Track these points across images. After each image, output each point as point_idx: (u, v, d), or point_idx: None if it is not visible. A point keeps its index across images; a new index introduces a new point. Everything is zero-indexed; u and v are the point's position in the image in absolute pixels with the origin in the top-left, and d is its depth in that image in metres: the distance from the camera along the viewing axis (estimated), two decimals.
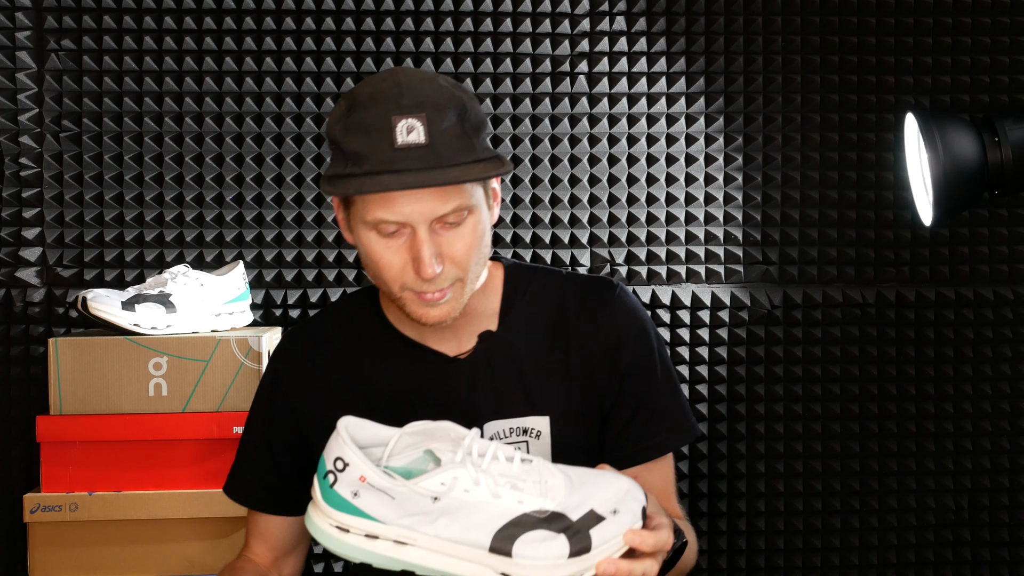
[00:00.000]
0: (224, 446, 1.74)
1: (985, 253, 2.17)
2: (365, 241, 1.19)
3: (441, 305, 1.20)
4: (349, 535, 0.97)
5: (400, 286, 1.19)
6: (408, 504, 0.96)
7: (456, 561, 0.96)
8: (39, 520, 1.71)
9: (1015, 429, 2.17)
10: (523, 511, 0.97)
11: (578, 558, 0.95)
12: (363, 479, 0.97)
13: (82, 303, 1.75)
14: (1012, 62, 2.15)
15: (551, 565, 0.95)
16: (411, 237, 1.16)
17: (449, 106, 1.14)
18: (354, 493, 0.97)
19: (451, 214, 1.15)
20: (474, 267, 1.21)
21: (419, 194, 1.13)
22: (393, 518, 0.96)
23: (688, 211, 2.14)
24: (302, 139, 2.08)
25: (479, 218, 1.20)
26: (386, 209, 1.14)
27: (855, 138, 2.15)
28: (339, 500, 0.97)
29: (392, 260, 1.17)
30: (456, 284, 1.20)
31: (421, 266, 1.15)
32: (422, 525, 0.96)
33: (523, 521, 0.96)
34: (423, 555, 0.96)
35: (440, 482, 0.97)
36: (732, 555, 2.15)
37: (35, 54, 2.04)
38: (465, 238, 1.18)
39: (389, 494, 0.97)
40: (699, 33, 2.13)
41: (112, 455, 1.73)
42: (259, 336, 1.77)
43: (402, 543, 0.96)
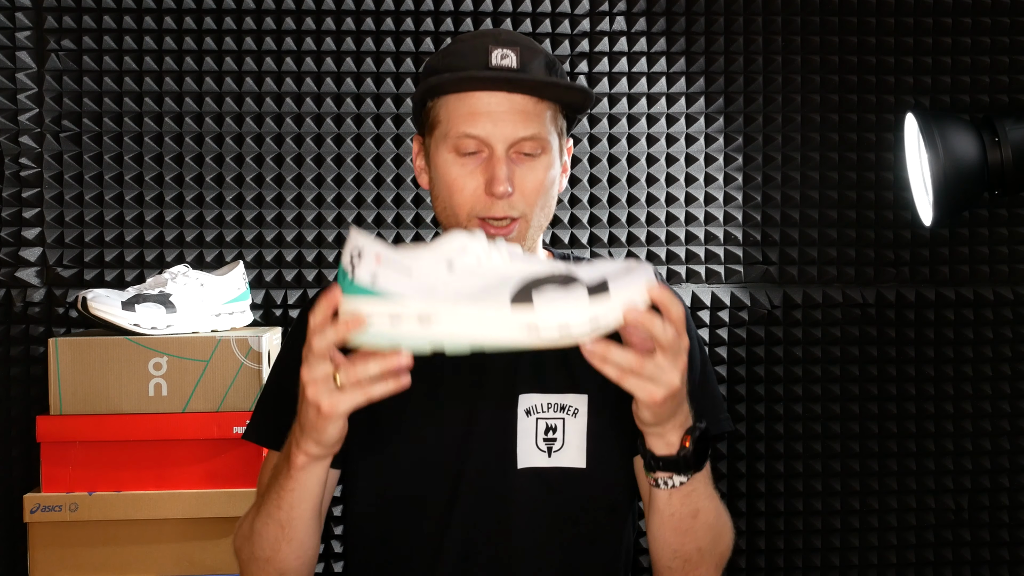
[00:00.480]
0: (224, 446, 1.74)
1: (985, 253, 2.17)
2: (442, 165, 1.24)
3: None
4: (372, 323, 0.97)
5: (468, 213, 1.24)
6: (425, 275, 0.96)
7: (481, 324, 0.96)
8: (39, 520, 1.71)
9: (1015, 429, 2.17)
10: (536, 272, 0.97)
11: (598, 298, 0.95)
12: (379, 258, 0.97)
13: (82, 303, 1.75)
14: (1012, 62, 2.15)
15: (573, 304, 0.94)
16: (488, 159, 1.22)
17: (541, 52, 1.26)
18: (372, 276, 0.97)
19: (529, 141, 1.22)
20: (538, 212, 1.26)
21: (503, 115, 1.21)
22: (412, 294, 0.96)
23: (688, 211, 2.14)
24: (302, 139, 2.08)
25: (552, 161, 1.25)
26: (471, 124, 1.21)
27: (855, 138, 2.15)
28: (359, 289, 0.97)
29: (466, 183, 1.23)
30: (520, 222, 1.24)
31: (495, 182, 1.20)
32: (441, 292, 0.96)
33: (538, 280, 0.96)
34: (448, 326, 0.96)
35: (452, 249, 0.97)
36: (733, 555, 2.14)
37: (35, 54, 2.04)
38: (538, 174, 1.24)
39: (405, 267, 0.97)
40: (699, 33, 2.13)
41: (112, 455, 1.73)
42: (259, 336, 1.77)
43: (426, 319, 0.96)
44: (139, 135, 2.06)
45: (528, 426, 1.28)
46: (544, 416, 1.28)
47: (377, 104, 2.09)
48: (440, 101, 1.25)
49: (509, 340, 0.96)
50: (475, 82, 1.21)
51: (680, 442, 1.11)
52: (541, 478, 1.28)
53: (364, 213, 2.10)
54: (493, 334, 0.96)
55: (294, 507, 1.16)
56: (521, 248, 1.03)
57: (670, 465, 1.12)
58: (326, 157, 2.09)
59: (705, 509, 1.20)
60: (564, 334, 0.95)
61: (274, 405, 1.34)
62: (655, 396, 1.01)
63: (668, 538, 1.20)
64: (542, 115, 1.23)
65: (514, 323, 0.95)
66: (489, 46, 1.22)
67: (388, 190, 2.10)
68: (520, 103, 1.21)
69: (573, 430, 1.28)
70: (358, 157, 2.10)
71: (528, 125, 1.22)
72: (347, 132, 2.09)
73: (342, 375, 1.00)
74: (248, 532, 1.23)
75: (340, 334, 0.98)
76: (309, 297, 2.08)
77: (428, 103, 1.27)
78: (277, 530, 1.18)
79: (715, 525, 1.23)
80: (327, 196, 2.09)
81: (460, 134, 1.22)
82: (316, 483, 1.15)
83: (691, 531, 1.20)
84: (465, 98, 1.22)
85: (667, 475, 1.14)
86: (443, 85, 1.22)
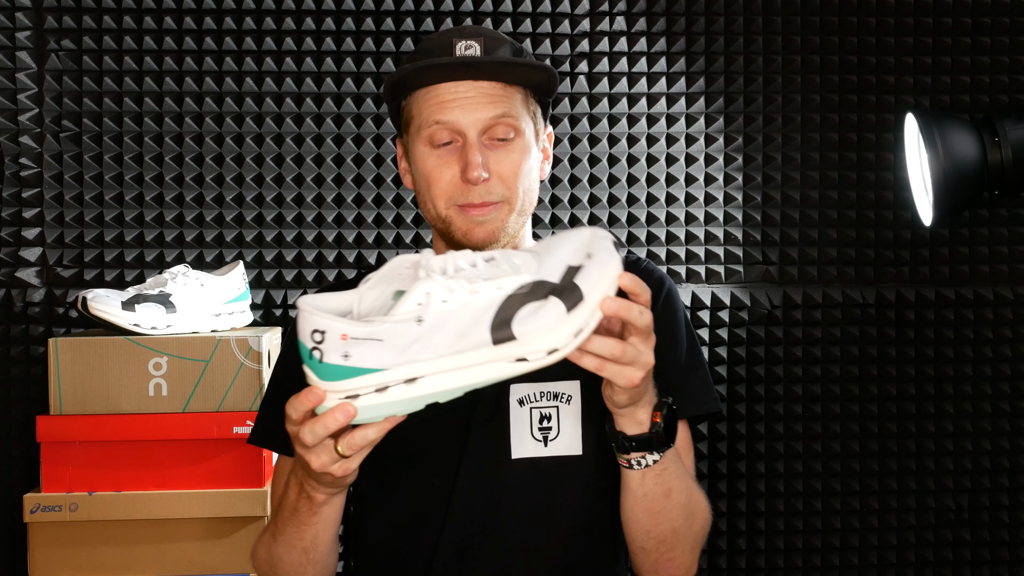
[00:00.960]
0: (224, 446, 1.74)
1: (985, 253, 2.17)
2: (419, 158, 1.27)
3: (485, 223, 1.25)
4: (360, 399, 0.95)
5: (447, 201, 1.25)
6: (398, 339, 0.93)
7: (469, 370, 0.94)
8: (39, 520, 1.71)
9: (1015, 429, 2.17)
10: (505, 294, 0.94)
11: (576, 310, 0.93)
12: (345, 337, 0.94)
13: (82, 303, 1.75)
14: (1012, 62, 2.15)
15: (555, 325, 0.93)
16: (462, 147, 1.24)
17: (505, 41, 1.28)
18: (344, 355, 0.93)
19: (500, 124, 1.24)
20: (522, 195, 1.27)
21: (471, 101, 1.23)
22: (391, 360, 0.93)
23: (688, 211, 2.14)
24: (302, 139, 2.08)
25: (526, 144, 1.27)
26: (440, 112, 1.23)
27: (855, 138, 2.15)
28: (333, 369, 0.94)
29: (442, 174, 1.25)
30: (503, 205, 1.26)
31: (469, 168, 1.22)
32: (421, 353, 0.93)
33: (510, 303, 0.94)
34: (437, 380, 0.94)
35: (416, 302, 0.94)
36: (732, 555, 2.15)
37: (35, 54, 2.04)
38: (514, 157, 1.25)
39: (376, 339, 0.93)
40: (699, 33, 2.13)
41: (112, 455, 1.73)
42: (259, 336, 1.77)
43: (412, 380, 0.94)
44: (139, 135, 2.06)
45: (522, 416, 1.28)
46: (538, 405, 1.28)
47: (377, 104, 2.09)
48: (411, 98, 1.27)
49: (500, 375, 0.95)
50: (437, 69, 1.23)
51: (650, 419, 1.11)
52: (537, 467, 1.28)
53: (364, 213, 2.10)
54: (484, 376, 0.94)
55: (318, 536, 1.18)
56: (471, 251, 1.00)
57: (643, 444, 1.13)
58: (326, 157, 2.09)
59: (677, 489, 1.20)
60: (553, 356, 0.94)
61: (278, 408, 1.33)
62: (634, 379, 1.01)
63: (641, 519, 1.20)
64: (511, 98, 1.25)
65: (502, 360, 0.94)
66: (453, 39, 1.25)
67: (388, 190, 2.10)
68: (487, 88, 1.24)
69: (568, 417, 1.29)
70: (358, 157, 2.10)
71: (496, 106, 1.23)
72: (347, 132, 2.09)
73: (343, 447, 0.99)
74: (267, 557, 1.25)
75: (332, 429, 0.97)
76: None
77: (402, 103, 1.29)
78: (301, 556, 1.20)
79: (688, 504, 1.23)
80: (327, 196, 2.09)
81: (431, 123, 1.24)
82: (338, 510, 1.17)
83: (664, 511, 1.20)
84: (433, 89, 1.24)
85: (639, 455, 1.14)
86: (406, 77, 1.24)
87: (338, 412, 0.95)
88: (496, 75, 1.24)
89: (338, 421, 0.96)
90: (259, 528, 1.72)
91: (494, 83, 1.24)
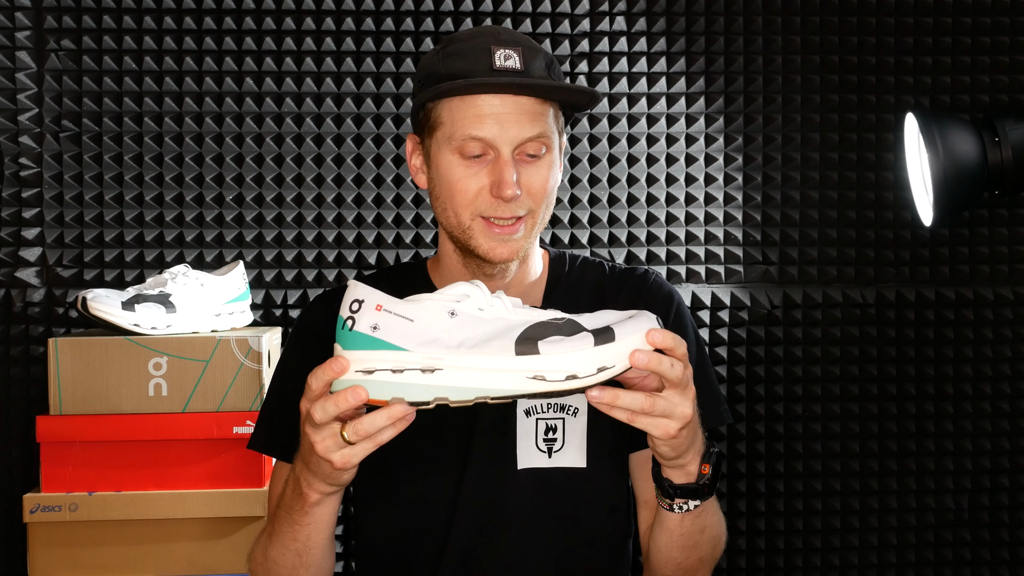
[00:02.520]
0: (224, 446, 1.74)
1: (985, 253, 2.17)
2: (445, 167, 1.23)
3: (509, 241, 1.24)
4: (375, 374, 0.95)
5: (472, 213, 1.23)
6: (427, 324, 0.94)
7: (486, 374, 0.94)
8: (39, 520, 1.71)
9: (1015, 429, 2.17)
10: (539, 319, 0.96)
11: (605, 346, 0.94)
12: (379, 307, 0.95)
13: (82, 303, 1.75)
14: (1012, 62, 2.15)
15: (579, 351, 0.93)
16: (494, 162, 1.21)
17: (540, 51, 1.25)
18: (373, 327, 0.95)
19: (534, 141, 1.21)
20: (544, 208, 1.26)
21: (508, 117, 1.20)
22: (415, 343, 0.94)
23: (688, 211, 2.14)
24: (302, 139, 2.08)
25: (554, 159, 1.26)
26: (476, 127, 1.20)
27: (855, 138, 2.15)
28: (359, 338, 0.95)
29: (469, 185, 1.22)
30: (527, 219, 1.24)
31: (503, 186, 1.20)
32: (445, 343, 0.94)
33: (542, 327, 0.95)
34: (452, 376, 0.94)
35: (455, 298, 0.96)
36: (732, 555, 2.15)
37: (35, 54, 2.04)
38: (543, 173, 1.24)
39: (407, 317, 0.94)
40: (699, 33, 2.13)
41: (112, 455, 1.73)
42: (259, 336, 1.77)
43: (429, 370, 0.94)
44: (139, 135, 2.06)
45: (528, 427, 1.28)
46: (544, 416, 1.28)
47: (377, 104, 2.09)
48: (443, 103, 1.23)
49: (514, 389, 0.95)
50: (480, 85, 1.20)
51: (698, 470, 1.12)
52: (541, 479, 1.28)
53: (364, 213, 2.10)
54: (498, 384, 0.95)
55: (311, 538, 1.17)
56: (521, 302, 1.02)
57: (688, 493, 1.13)
58: (326, 157, 2.09)
59: (711, 524, 1.22)
60: (571, 382, 0.94)
61: (278, 414, 1.34)
62: (670, 431, 1.01)
63: (675, 554, 1.21)
64: (545, 114, 1.23)
65: (520, 372, 0.94)
66: (491, 46, 1.21)
67: (388, 190, 2.10)
68: (525, 104, 1.21)
69: (573, 430, 1.28)
70: (358, 157, 2.10)
71: (533, 125, 1.21)
72: (347, 132, 2.09)
73: (350, 432, 0.99)
74: (263, 559, 1.24)
75: (342, 408, 0.97)
76: (309, 298, 2.08)
77: (428, 104, 1.26)
78: (295, 559, 1.19)
79: (717, 534, 1.25)
80: (327, 196, 2.09)
81: (465, 136, 1.20)
82: (331, 514, 1.17)
83: (697, 545, 1.21)
84: (469, 100, 1.21)
85: (683, 501, 1.14)
86: (456, 89, 1.21)
87: (349, 394, 0.96)
88: (540, 94, 1.22)
89: (348, 402, 0.96)
90: (259, 528, 1.72)
91: (532, 99, 1.22)
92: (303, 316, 1.40)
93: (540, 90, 1.21)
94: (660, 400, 1.00)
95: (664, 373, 0.99)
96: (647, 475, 1.31)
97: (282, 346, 1.95)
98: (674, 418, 1.01)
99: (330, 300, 1.37)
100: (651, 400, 0.99)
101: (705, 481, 1.12)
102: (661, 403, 1.00)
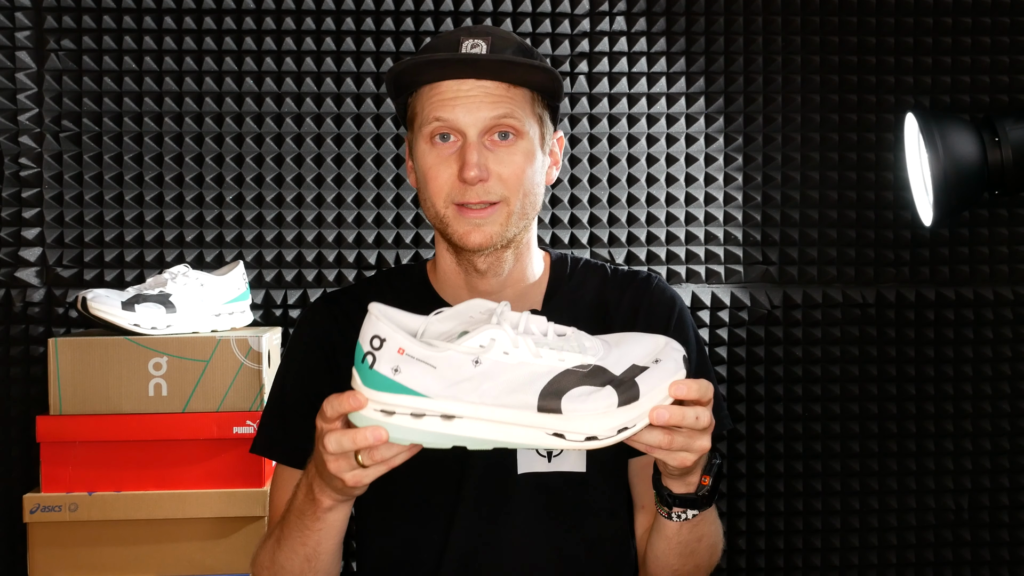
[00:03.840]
0: (224, 446, 1.74)
1: (985, 253, 2.17)
2: (420, 156, 1.26)
3: (482, 226, 1.24)
4: (394, 417, 0.94)
5: (445, 200, 1.24)
6: (450, 372, 0.93)
7: (506, 427, 0.94)
8: (39, 520, 1.71)
9: (1015, 429, 2.17)
10: (565, 367, 0.95)
11: (628, 407, 0.94)
12: (402, 351, 0.93)
13: (82, 303, 1.75)
14: (1012, 62, 2.15)
15: (602, 413, 0.93)
16: (462, 146, 1.23)
17: (515, 41, 1.26)
18: (394, 369, 0.93)
19: (500, 123, 1.22)
20: (521, 201, 1.25)
21: (472, 99, 1.21)
22: (437, 390, 0.93)
23: (688, 211, 2.14)
24: (302, 139, 2.08)
25: (531, 149, 1.25)
26: (441, 109, 1.22)
27: (855, 138, 2.15)
28: (380, 379, 0.94)
29: (440, 172, 1.24)
30: (500, 207, 1.24)
31: (466, 167, 1.21)
32: (467, 393, 0.93)
33: (567, 378, 0.94)
34: (472, 426, 0.94)
35: (479, 344, 0.94)
36: (732, 555, 2.15)
37: (35, 54, 2.04)
38: (515, 159, 1.24)
39: (430, 363, 0.93)
40: (699, 33, 2.13)
41: (112, 455, 1.73)
42: (259, 336, 1.77)
43: (449, 417, 0.93)
44: (139, 135, 2.06)
45: None
46: None
47: (377, 104, 2.09)
48: (416, 95, 1.26)
49: (534, 444, 0.95)
50: (439, 66, 1.22)
51: (699, 481, 1.12)
52: (541, 483, 1.27)
53: (364, 213, 2.10)
54: (518, 438, 0.94)
55: (321, 543, 1.16)
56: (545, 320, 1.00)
57: (687, 503, 1.13)
58: (326, 157, 2.09)
59: (708, 532, 1.22)
60: (590, 443, 0.94)
61: (280, 418, 1.34)
62: (687, 462, 1.02)
63: (672, 561, 1.22)
64: (515, 98, 1.23)
65: (540, 429, 0.94)
66: (461, 38, 1.23)
67: (388, 190, 2.10)
68: (491, 88, 1.22)
69: None
70: (358, 157, 2.10)
71: (498, 106, 1.22)
72: (347, 132, 2.09)
73: (364, 457, 0.99)
74: (269, 563, 1.23)
75: (359, 446, 0.96)
76: (309, 297, 2.08)
77: (408, 99, 1.28)
78: (303, 564, 1.19)
79: (715, 542, 1.25)
80: (327, 196, 2.09)
81: (431, 120, 1.23)
82: (343, 520, 1.16)
83: (695, 553, 1.21)
84: (436, 86, 1.23)
85: (681, 510, 1.15)
86: (407, 71, 1.23)
87: (369, 433, 0.95)
88: (498, 74, 1.22)
89: (367, 441, 0.95)
90: (259, 528, 1.72)
91: (497, 83, 1.22)
92: (305, 320, 1.39)
93: (492, 67, 1.21)
94: (679, 437, 0.99)
95: (688, 426, 0.98)
96: (646, 479, 1.31)
97: (282, 346, 1.95)
98: (692, 451, 1.01)
99: (332, 303, 1.36)
100: (670, 437, 0.99)
101: (705, 492, 1.12)
102: (680, 440, 0.99)
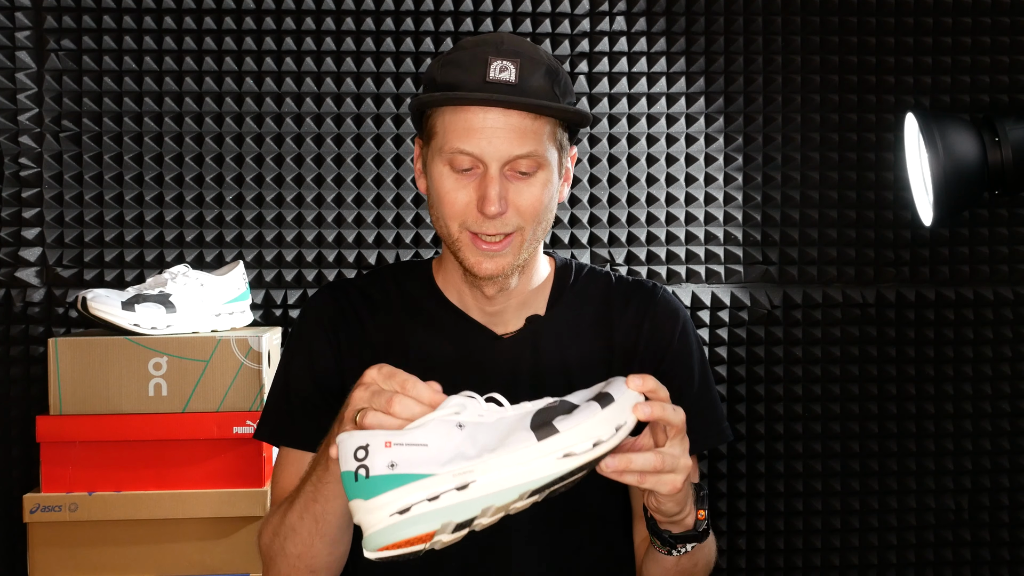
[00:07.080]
0: (224, 446, 1.74)
1: (985, 253, 2.17)
2: (436, 175, 1.22)
3: (496, 257, 1.22)
4: (412, 510, 0.93)
5: (460, 224, 1.22)
6: (442, 443, 0.94)
7: (519, 467, 0.94)
8: (39, 520, 1.71)
9: (1015, 429, 2.17)
10: (538, 407, 0.97)
11: (611, 408, 0.96)
12: (389, 444, 0.93)
13: (82, 303, 1.75)
14: (1012, 62, 2.15)
15: (596, 420, 0.95)
16: (482, 177, 1.19)
17: (543, 63, 1.21)
18: (390, 464, 0.92)
19: (525, 159, 1.19)
20: (535, 228, 1.23)
21: (498, 133, 1.17)
22: (439, 464, 0.93)
23: (688, 211, 2.14)
24: (302, 139, 2.08)
25: (549, 177, 1.23)
26: (465, 140, 1.18)
27: (855, 138, 2.15)
28: (380, 482, 0.92)
29: (457, 196, 1.21)
30: (515, 236, 1.22)
31: (486, 202, 1.18)
32: (467, 455, 0.94)
33: (546, 412, 0.96)
34: (488, 480, 0.93)
35: (454, 410, 0.96)
36: (732, 555, 2.15)
37: (35, 54, 2.04)
38: (534, 191, 1.21)
39: (421, 443, 0.93)
40: (699, 33, 2.13)
41: (112, 455, 1.73)
42: (259, 336, 1.77)
43: (464, 485, 0.93)
44: (139, 135, 2.06)
45: None
46: None
47: (377, 104, 2.09)
48: (437, 112, 1.22)
49: (550, 472, 0.95)
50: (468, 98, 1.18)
51: (695, 518, 1.14)
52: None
53: (364, 213, 2.10)
54: (534, 474, 0.94)
55: (330, 500, 1.14)
56: (504, 399, 1.02)
57: (689, 539, 1.15)
58: (326, 157, 2.09)
59: (705, 554, 1.23)
60: (597, 449, 0.95)
61: (284, 405, 1.33)
62: (676, 484, 1.02)
63: None
64: (540, 131, 1.20)
65: (549, 455, 0.94)
66: (489, 57, 1.18)
67: (388, 190, 2.10)
68: (517, 120, 1.18)
69: None
70: (358, 157, 2.10)
71: (524, 143, 1.18)
72: (347, 132, 2.09)
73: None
74: (278, 526, 1.21)
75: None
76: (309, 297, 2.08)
77: (426, 111, 1.25)
78: (312, 524, 1.17)
79: (711, 559, 1.26)
80: (327, 196, 2.09)
81: (454, 150, 1.19)
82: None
83: (693, 571, 1.24)
84: (461, 112, 1.19)
85: (683, 545, 1.16)
86: (436, 101, 1.20)
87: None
88: (528, 110, 1.18)
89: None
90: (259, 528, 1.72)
91: (525, 115, 1.18)
92: (308, 308, 1.38)
93: (525, 107, 1.17)
94: (668, 456, 1.01)
95: (669, 419, 1.00)
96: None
97: (282, 346, 1.95)
98: (678, 471, 1.02)
99: (335, 290, 1.36)
100: (659, 456, 1.00)
101: (702, 528, 1.14)
102: (669, 459, 1.01)
